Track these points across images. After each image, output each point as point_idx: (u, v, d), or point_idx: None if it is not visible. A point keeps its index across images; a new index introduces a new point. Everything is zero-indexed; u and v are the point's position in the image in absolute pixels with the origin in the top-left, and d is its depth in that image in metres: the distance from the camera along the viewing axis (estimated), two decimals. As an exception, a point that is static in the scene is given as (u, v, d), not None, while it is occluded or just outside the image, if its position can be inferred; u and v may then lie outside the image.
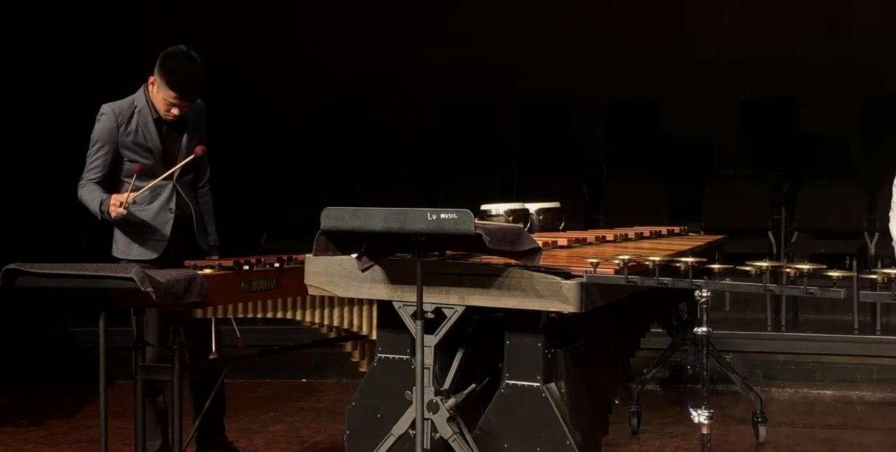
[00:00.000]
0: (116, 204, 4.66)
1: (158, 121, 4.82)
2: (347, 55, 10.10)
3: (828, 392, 7.25)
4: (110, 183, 4.83)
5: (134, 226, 4.82)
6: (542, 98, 9.96)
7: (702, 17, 9.98)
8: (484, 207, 4.52)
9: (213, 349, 4.50)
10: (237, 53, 9.78)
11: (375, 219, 3.48)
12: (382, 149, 10.03)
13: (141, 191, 4.73)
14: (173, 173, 4.84)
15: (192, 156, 4.78)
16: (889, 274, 3.12)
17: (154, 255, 4.81)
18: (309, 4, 10.20)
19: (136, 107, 4.81)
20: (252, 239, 8.44)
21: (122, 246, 4.87)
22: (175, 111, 4.76)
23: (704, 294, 3.41)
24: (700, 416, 3.47)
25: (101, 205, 4.71)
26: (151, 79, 4.77)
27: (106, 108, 4.83)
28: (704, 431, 3.47)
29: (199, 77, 4.76)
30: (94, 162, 4.80)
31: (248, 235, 8.34)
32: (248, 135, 9.81)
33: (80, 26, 10.17)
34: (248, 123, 10.01)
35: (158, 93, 4.74)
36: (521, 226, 4.22)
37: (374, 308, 4.29)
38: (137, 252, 4.82)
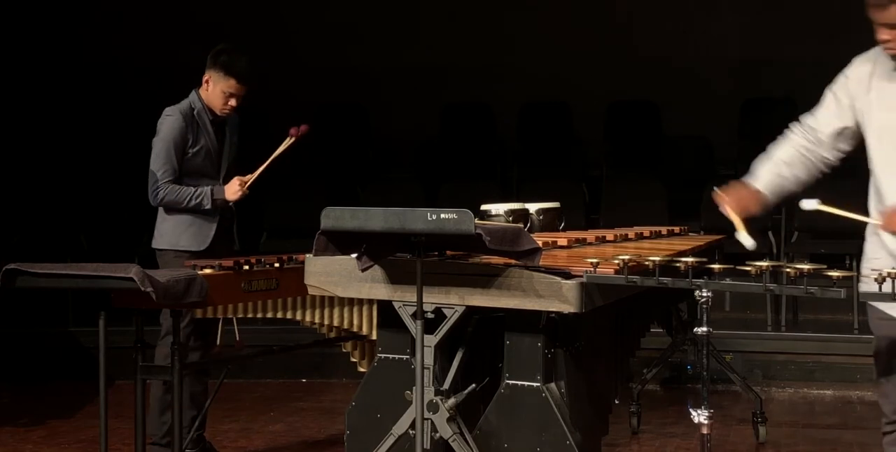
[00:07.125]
0: (241, 184, 5.02)
1: (213, 122, 5.11)
2: (347, 54, 10.10)
3: (828, 392, 7.25)
4: (180, 183, 5.04)
5: (187, 217, 5.04)
6: (542, 98, 9.95)
7: (702, 16, 9.97)
8: (484, 207, 4.52)
9: (237, 338, 4.69)
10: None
11: (375, 218, 3.48)
12: (382, 149, 10.02)
13: (259, 171, 5.11)
14: (220, 172, 5.19)
15: None
16: (889, 274, 3.12)
17: (201, 247, 5.03)
18: (308, 4, 10.19)
19: (194, 109, 5.07)
20: (252, 239, 8.44)
21: (170, 236, 5.07)
22: (232, 102, 5.08)
23: (704, 294, 3.41)
24: (700, 416, 3.46)
25: (212, 194, 5.00)
26: (206, 77, 5.04)
27: (172, 110, 5.06)
28: (704, 431, 3.47)
29: (251, 63, 5.08)
30: (167, 162, 4.99)
31: (248, 235, 8.33)
32: (247, 135, 9.78)
33: (81, 25, 10.16)
34: (248, 123, 9.97)
35: (216, 88, 5.03)
36: (521, 226, 4.22)
37: (374, 308, 4.29)
38: (186, 242, 5.05)
